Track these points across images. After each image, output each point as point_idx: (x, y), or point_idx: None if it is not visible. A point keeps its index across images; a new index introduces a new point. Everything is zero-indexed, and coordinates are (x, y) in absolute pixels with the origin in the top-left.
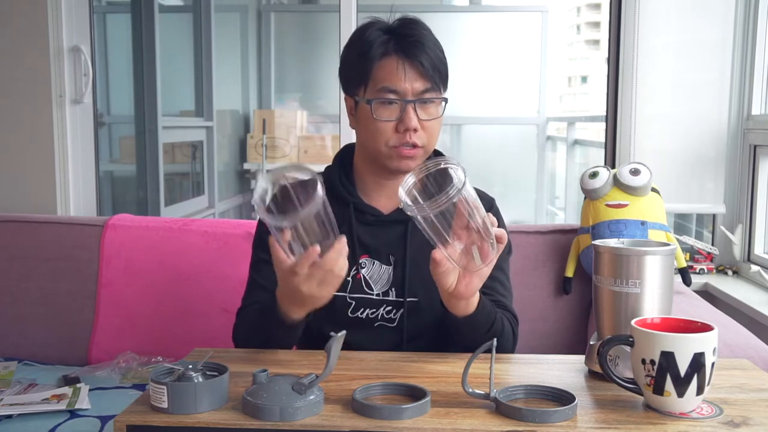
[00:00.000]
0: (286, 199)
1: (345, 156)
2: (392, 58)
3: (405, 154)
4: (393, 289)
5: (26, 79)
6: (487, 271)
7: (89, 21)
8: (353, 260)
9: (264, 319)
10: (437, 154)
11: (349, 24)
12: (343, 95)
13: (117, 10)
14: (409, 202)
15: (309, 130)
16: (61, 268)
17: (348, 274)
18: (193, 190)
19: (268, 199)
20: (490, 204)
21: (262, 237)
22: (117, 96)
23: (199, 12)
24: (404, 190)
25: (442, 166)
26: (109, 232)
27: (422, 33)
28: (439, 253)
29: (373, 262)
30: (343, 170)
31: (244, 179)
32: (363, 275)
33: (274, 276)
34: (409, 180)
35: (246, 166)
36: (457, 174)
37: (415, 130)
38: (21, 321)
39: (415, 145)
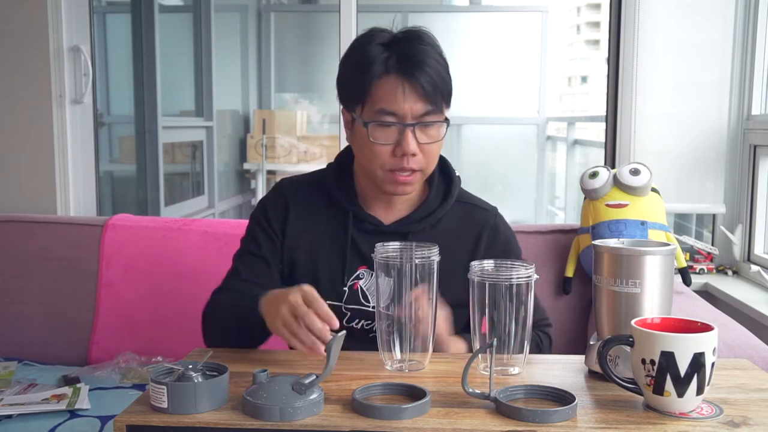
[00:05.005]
0: None
1: (345, 159)
2: (392, 77)
3: (401, 180)
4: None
5: (26, 79)
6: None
7: (89, 21)
8: (350, 270)
9: (240, 310)
10: (443, 166)
11: (349, 24)
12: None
13: (117, 10)
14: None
15: (309, 130)
16: (61, 268)
17: (344, 284)
18: (193, 190)
19: None
20: (494, 215)
21: (253, 233)
22: (117, 96)
23: (199, 12)
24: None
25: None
26: (109, 232)
27: (425, 49)
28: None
29: (371, 274)
30: (342, 175)
31: (244, 179)
32: (360, 286)
33: (259, 269)
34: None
35: (246, 166)
36: None
37: (414, 155)
38: (21, 321)
39: (412, 171)
